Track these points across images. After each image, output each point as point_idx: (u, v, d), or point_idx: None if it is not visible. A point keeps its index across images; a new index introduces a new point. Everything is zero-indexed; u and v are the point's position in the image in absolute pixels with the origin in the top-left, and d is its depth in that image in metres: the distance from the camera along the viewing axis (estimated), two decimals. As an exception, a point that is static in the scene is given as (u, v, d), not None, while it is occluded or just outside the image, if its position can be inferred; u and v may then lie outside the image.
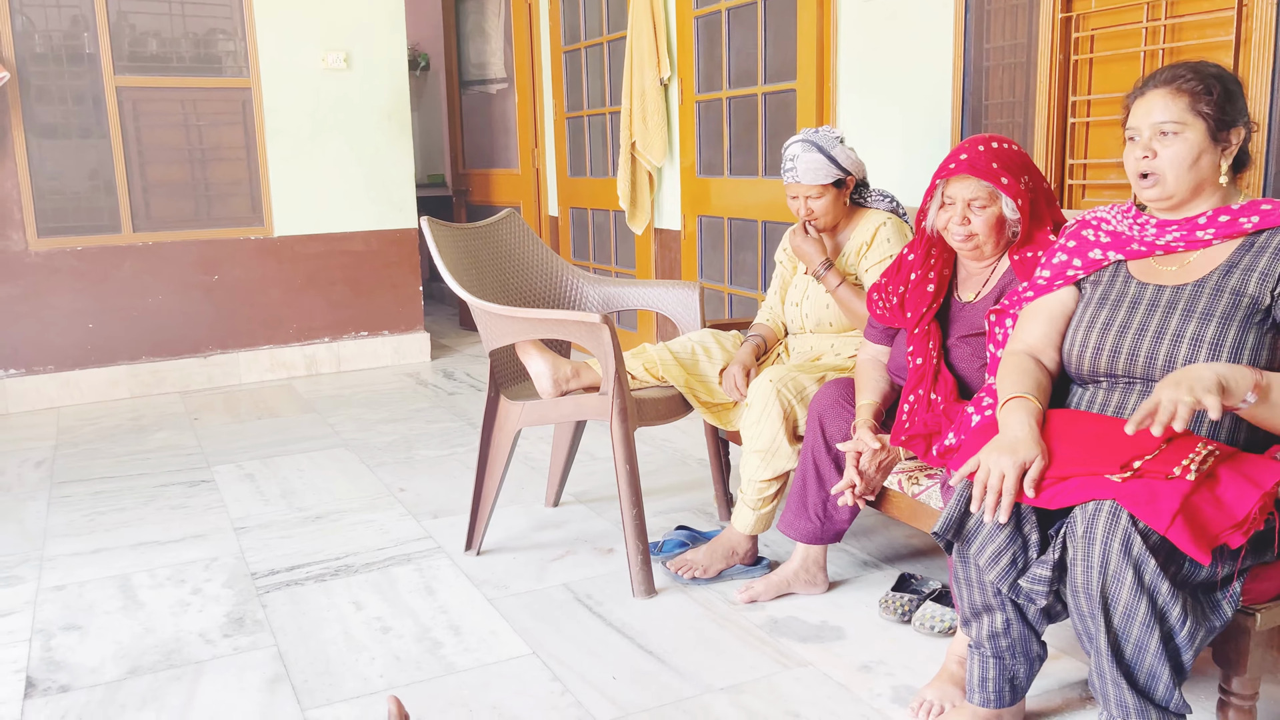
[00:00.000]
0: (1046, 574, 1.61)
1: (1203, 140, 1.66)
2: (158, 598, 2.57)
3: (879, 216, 2.62)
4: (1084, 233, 1.86)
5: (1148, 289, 1.74)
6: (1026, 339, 1.87)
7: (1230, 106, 1.67)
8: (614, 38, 4.90)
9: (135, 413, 4.48)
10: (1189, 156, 1.67)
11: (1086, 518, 1.52)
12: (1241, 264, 1.66)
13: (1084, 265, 1.84)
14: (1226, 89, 1.67)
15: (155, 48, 4.70)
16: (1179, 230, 1.71)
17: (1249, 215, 1.66)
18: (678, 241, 4.61)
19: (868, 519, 2.94)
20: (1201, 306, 1.66)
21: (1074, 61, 2.72)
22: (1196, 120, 1.66)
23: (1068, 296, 1.87)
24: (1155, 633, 1.47)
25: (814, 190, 2.57)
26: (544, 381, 2.61)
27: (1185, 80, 1.67)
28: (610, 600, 2.48)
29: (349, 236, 5.18)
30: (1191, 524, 1.44)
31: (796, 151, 2.56)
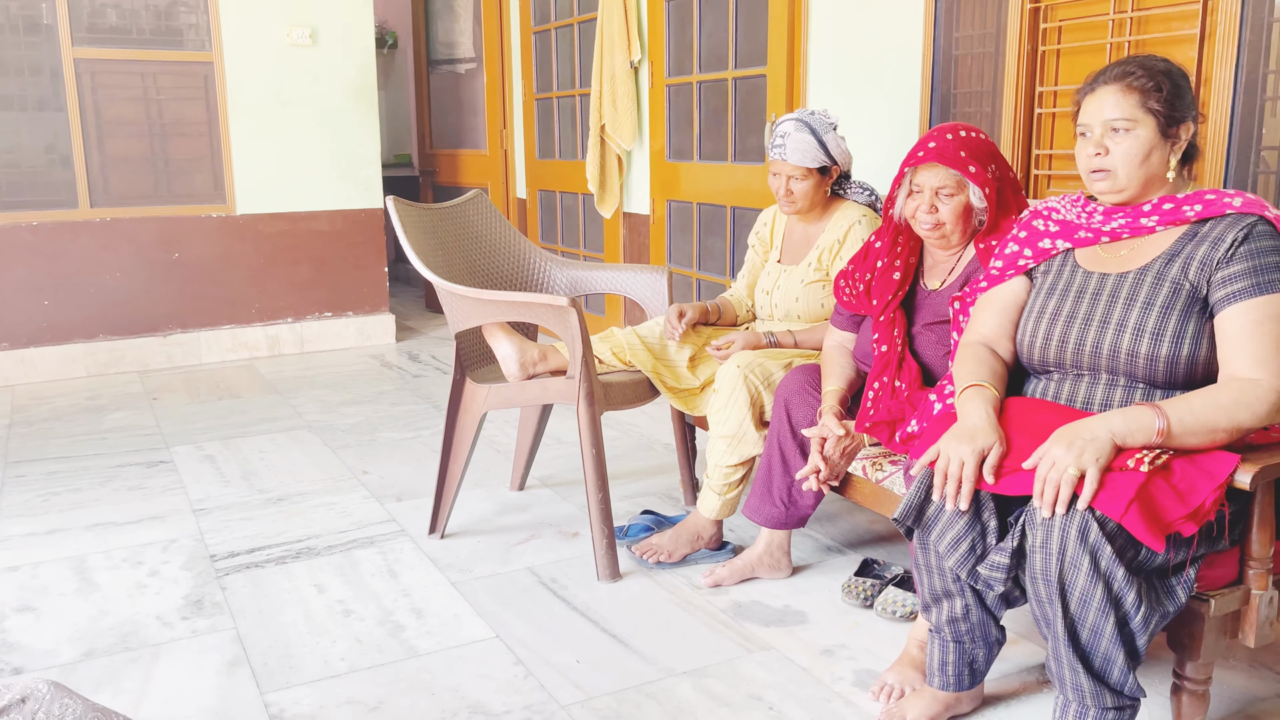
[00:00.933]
0: (1005, 561, 1.62)
1: (1153, 136, 1.68)
2: (114, 580, 2.53)
3: (855, 212, 2.61)
4: (1035, 223, 1.88)
5: (1093, 278, 1.76)
6: (981, 330, 1.89)
7: (1179, 102, 1.69)
8: (584, 19, 4.87)
9: (92, 392, 4.40)
10: (1140, 152, 1.69)
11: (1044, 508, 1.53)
12: (1183, 253, 1.67)
13: (1034, 255, 1.86)
14: (1175, 85, 1.69)
15: (115, 19, 4.60)
16: (1124, 217, 1.73)
17: (1192, 204, 1.69)
18: (646, 226, 4.60)
19: (831, 504, 2.96)
20: (1143, 295, 1.68)
21: (1041, 52, 2.73)
22: (1147, 117, 1.68)
23: (1019, 286, 1.88)
24: (1110, 618, 1.49)
25: (798, 171, 2.55)
26: (510, 365, 2.59)
27: (1135, 77, 1.68)
28: (574, 584, 2.47)
29: (314, 215, 5.10)
30: (1146, 512, 1.47)
31: (789, 129, 2.53)
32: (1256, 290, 1.59)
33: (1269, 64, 2.24)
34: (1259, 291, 1.59)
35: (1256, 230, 1.63)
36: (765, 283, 2.74)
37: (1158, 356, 1.65)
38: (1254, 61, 2.26)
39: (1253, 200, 1.66)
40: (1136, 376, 1.68)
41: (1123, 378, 1.70)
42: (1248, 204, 1.66)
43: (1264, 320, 1.58)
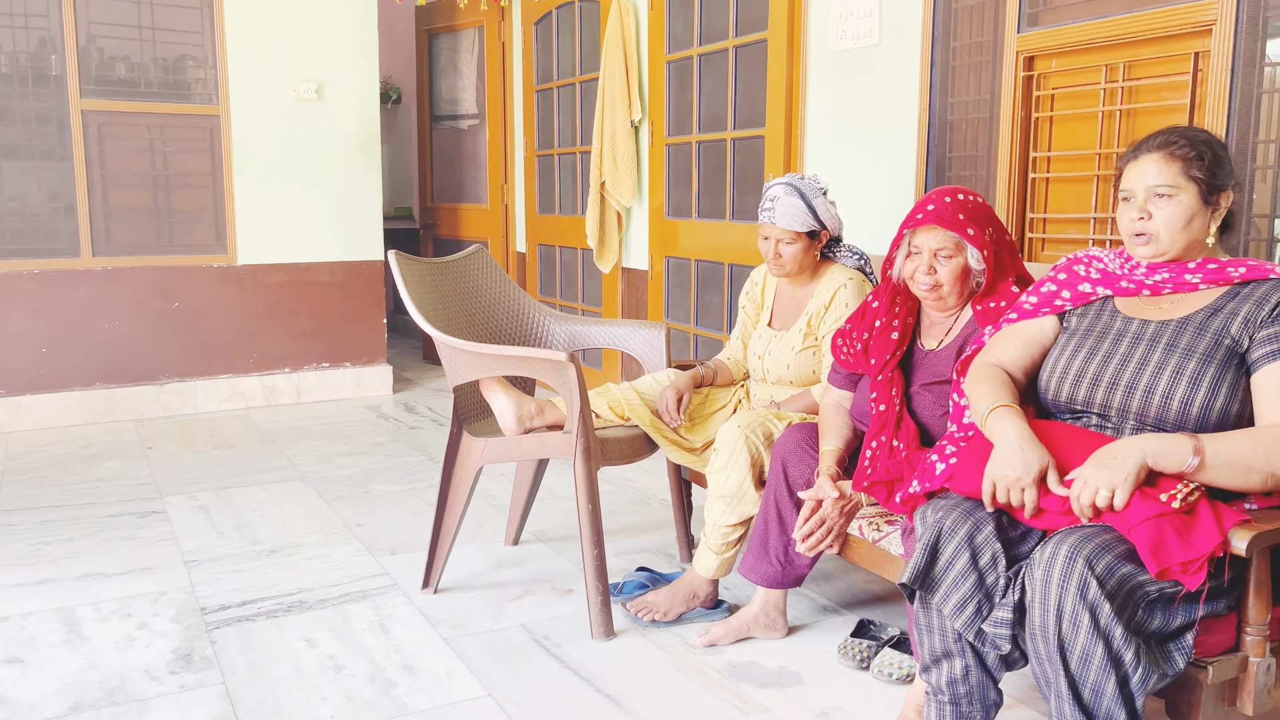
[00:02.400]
0: (1008, 616, 1.63)
1: (1195, 203, 1.73)
2: (103, 632, 2.50)
3: (842, 275, 2.62)
4: (1076, 267, 1.91)
5: (1133, 323, 1.79)
6: (1000, 356, 1.90)
7: (1220, 171, 1.74)
8: (586, 79, 4.95)
9: (86, 440, 4.38)
10: (1182, 218, 1.73)
11: (1044, 561, 1.54)
12: (1226, 308, 1.71)
13: (1072, 297, 1.89)
14: (1216, 154, 1.74)
15: (123, 72, 4.67)
16: (1168, 272, 1.77)
17: (1236, 267, 1.74)
18: (645, 281, 4.63)
19: (828, 564, 2.94)
20: (1185, 342, 1.71)
21: (1035, 119, 2.79)
22: (1189, 184, 1.73)
23: (1049, 326, 1.91)
24: (1112, 677, 1.49)
25: (787, 235, 2.57)
26: (508, 419, 2.60)
27: (1179, 146, 1.74)
28: (569, 642, 2.45)
29: (314, 267, 5.14)
30: (1154, 538, 1.49)
31: (778, 193, 2.56)
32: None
33: (1259, 134, 2.29)
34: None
35: None
36: (757, 346, 2.76)
37: (1192, 402, 1.66)
38: (1244, 130, 2.30)
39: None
40: (1166, 424, 1.69)
41: (1150, 426, 1.71)
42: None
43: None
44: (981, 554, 1.67)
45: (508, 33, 5.67)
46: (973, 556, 1.68)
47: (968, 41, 2.95)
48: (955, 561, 1.68)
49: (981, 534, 1.68)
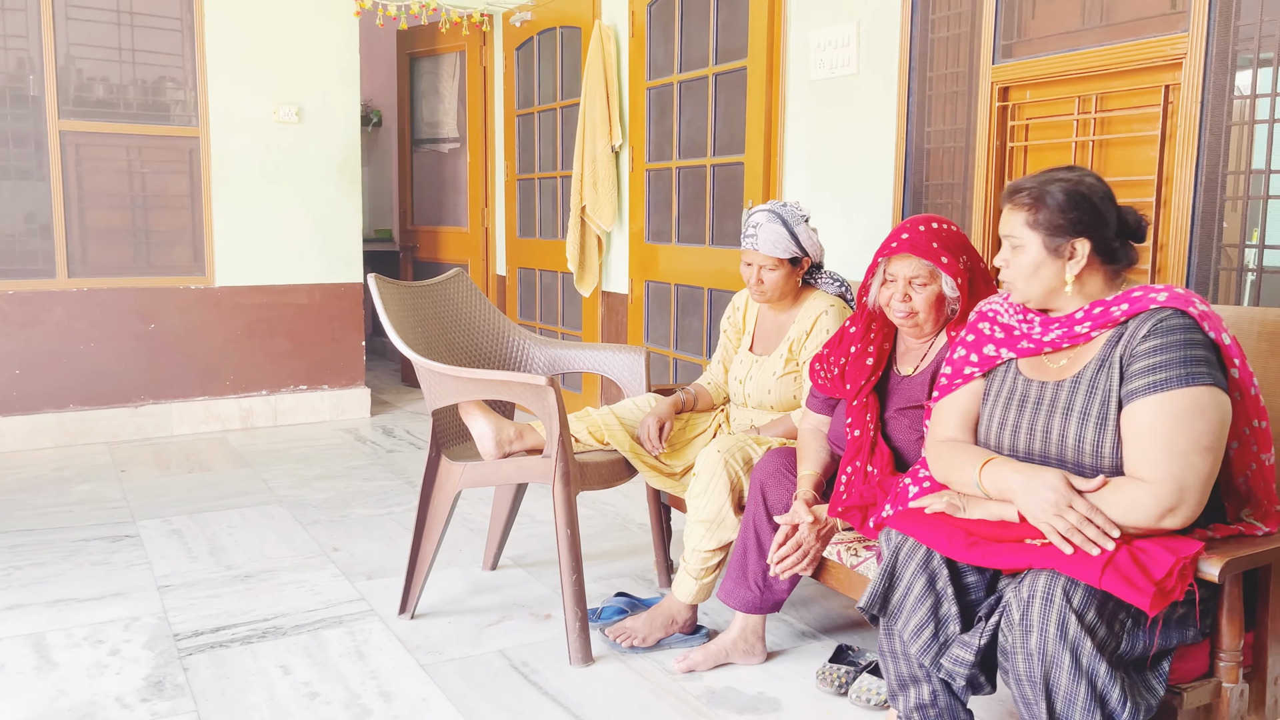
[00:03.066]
0: (969, 658, 1.63)
1: (1039, 254, 1.73)
2: (74, 658, 2.46)
3: (823, 301, 2.64)
4: (980, 325, 1.90)
5: (1033, 386, 1.78)
6: (949, 433, 1.90)
7: (1064, 220, 1.70)
8: (567, 104, 4.98)
9: (59, 463, 4.33)
10: (1028, 268, 1.74)
11: (1021, 604, 1.54)
12: (1111, 356, 1.68)
13: (980, 362, 1.88)
14: (1062, 204, 1.70)
15: (102, 93, 4.66)
16: (1060, 327, 1.75)
17: (1120, 304, 1.70)
18: (625, 305, 4.64)
19: (806, 589, 2.95)
20: (1079, 405, 1.69)
21: (1010, 148, 2.83)
22: (1032, 234, 1.73)
23: (975, 388, 1.90)
24: (1097, 717, 1.49)
25: (770, 261, 2.59)
26: (487, 443, 2.59)
27: (1021, 194, 1.75)
28: (546, 668, 2.44)
29: (293, 289, 5.12)
30: (1121, 576, 1.49)
31: (761, 220, 2.58)
32: (1151, 389, 1.59)
33: (1228, 165, 2.33)
34: (1153, 390, 1.59)
35: (1166, 324, 1.62)
36: (738, 370, 2.77)
37: (1100, 467, 1.66)
38: (1213, 162, 2.35)
39: (1179, 295, 1.65)
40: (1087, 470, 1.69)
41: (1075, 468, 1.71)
42: (1172, 299, 1.65)
43: (1157, 421, 1.58)
44: (936, 579, 1.68)
45: (489, 57, 5.70)
46: (929, 581, 1.69)
47: (944, 72, 3.00)
48: (913, 586, 1.70)
49: (936, 559, 1.69)
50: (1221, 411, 1.58)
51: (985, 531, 1.66)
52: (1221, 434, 1.58)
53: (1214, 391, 1.58)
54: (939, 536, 1.68)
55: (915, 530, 1.72)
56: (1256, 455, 1.67)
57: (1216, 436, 1.57)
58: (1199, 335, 1.61)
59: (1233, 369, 1.63)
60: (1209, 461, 1.56)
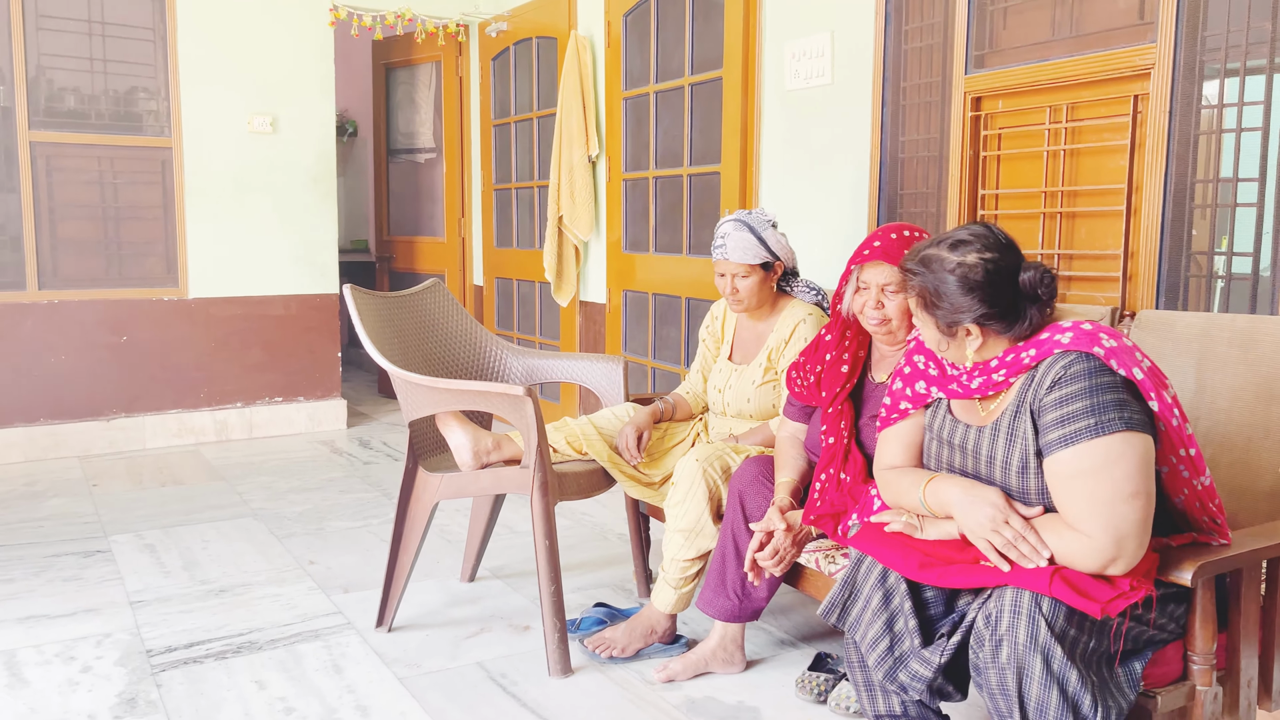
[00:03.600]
0: (927, 674, 1.64)
1: (937, 335, 1.73)
2: (44, 676, 2.42)
3: (800, 310, 2.65)
4: (915, 359, 1.89)
5: (959, 428, 1.79)
6: (894, 460, 1.90)
7: (955, 309, 1.67)
8: (543, 114, 4.99)
9: (29, 478, 4.27)
10: (933, 343, 1.76)
11: (990, 620, 1.55)
12: (1025, 401, 1.66)
13: (913, 398, 1.88)
14: (953, 294, 1.66)
15: (73, 103, 4.61)
16: (980, 375, 1.73)
17: (1028, 349, 1.66)
18: (602, 314, 4.64)
19: (785, 597, 2.95)
20: (1000, 454, 1.69)
21: (983, 157, 2.86)
22: (927, 317, 1.73)
23: (917, 418, 1.90)
24: None
25: (741, 269, 2.59)
26: (464, 454, 2.58)
27: (913, 281, 1.73)
28: (525, 680, 2.42)
29: (268, 300, 5.08)
30: (1069, 585, 1.50)
31: (728, 230, 2.59)
32: (1062, 443, 1.57)
33: (1196, 173, 2.37)
34: (1064, 444, 1.57)
35: (1071, 371, 1.59)
36: (717, 380, 2.77)
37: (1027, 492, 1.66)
38: (1182, 171, 2.38)
39: (1084, 334, 1.60)
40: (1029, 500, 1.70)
41: None
42: (1077, 339, 1.60)
43: (1076, 477, 1.56)
44: (893, 596, 1.69)
45: (465, 68, 5.69)
46: (885, 597, 1.69)
47: (917, 82, 3.02)
48: (870, 600, 1.71)
49: (892, 576, 1.70)
50: (1139, 453, 1.55)
51: (941, 552, 1.67)
52: (1146, 474, 1.55)
53: (1127, 437, 1.54)
54: (895, 556, 1.69)
55: (873, 549, 1.73)
56: (1189, 480, 1.65)
57: (1139, 479, 1.54)
58: (1106, 377, 1.57)
59: (1150, 402, 1.58)
60: (1139, 505, 1.53)
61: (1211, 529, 1.68)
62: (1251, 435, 2.02)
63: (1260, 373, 2.02)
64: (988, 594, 1.61)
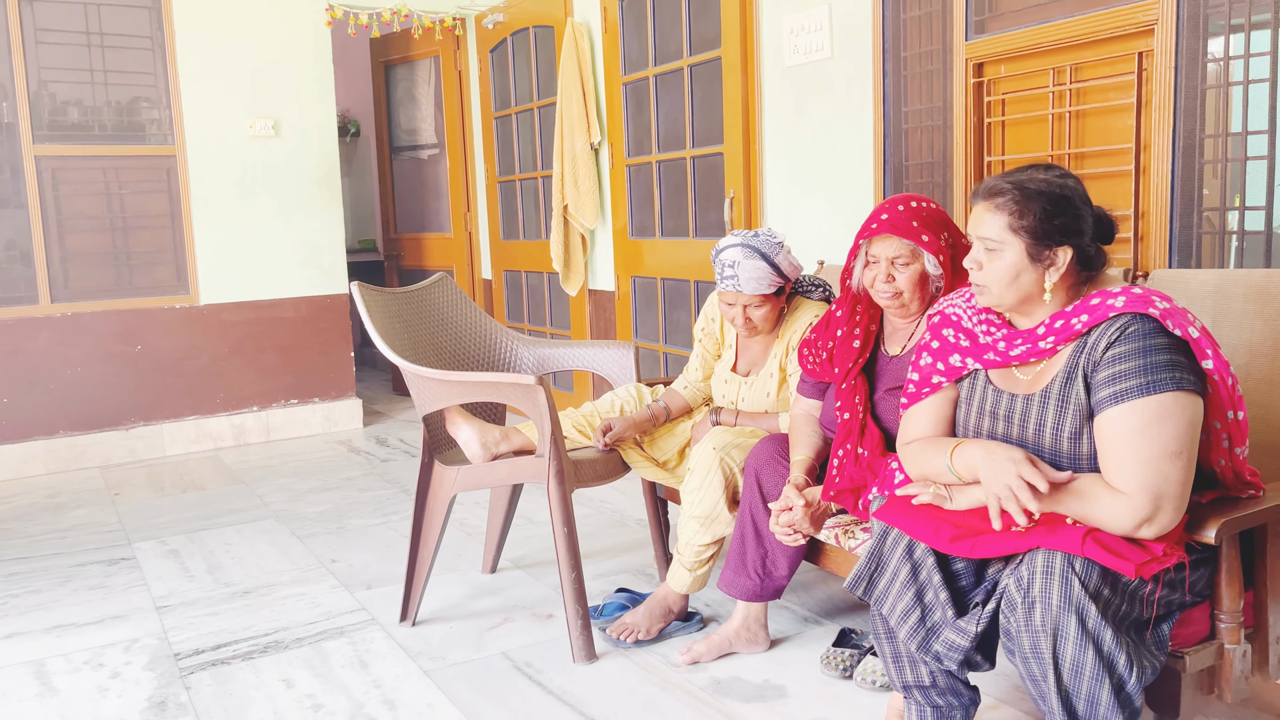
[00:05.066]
0: (964, 644, 1.62)
1: (1020, 260, 1.64)
2: (74, 684, 2.44)
3: (809, 313, 2.53)
4: (945, 331, 1.85)
5: (1003, 398, 1.74)
6: (921, 432, 1.86)
7: (1049, 226, 1.63)
8: (544, 104, 4.97)
9: (52, 490, 4.30)
10: (1008, 274, 1.67)
11: (1022, 585, 1.53)
12: (1077, 368, 1.64)
13: (946, 371, 1.83)
14: (1047, 208, 1.63)
15: (76, 116, 4.63)
16: (1025, 343, 1.70)
17: (1078, 315, 1.64)
18: (612, 302, 4.63)
19: (806, 574, 2.94)
20: (1051, 420, 1.66)
21: (987, 124, 2.83)
22: (1014, 239, 1.64)
23: (947, 393, 1.86)
24: (1106, 684, 1.48)
25: (754, 300, 2.44)
26: (473, 447, 2.58)
27: (1005, 197, 1.65)
28: (550, 668, 2.43)
29: (278, 303, 5.10)
30: (1102, 546, 1.49)
31: (736, 258, 2.39)
32: (1114, 400, 1.56)
33: (1205, 129, 2.34)
34: (1115, 401, 1.56)
35: (1128, 332, 1.57)
36: (726, 391, 2.66)
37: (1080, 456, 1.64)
38: (1190, 127, 2.35)
39: (1137, 297, 1.59)
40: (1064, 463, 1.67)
41: None
42: (1130, 302, 1.59)
43: (1122, 432, 1.55)
44: (921, 568, 1.68)
45: (463, 61, 5.68)
46: (913, 570, 1.68)
47: (918, 51, 2.99)
48: (899, 573, 1.69)
49: (920, 548, 1.69)
50: (1188, 414, 1.54)
51: (971, 523, 1.65)
52: (1191, 436, 1.54)
53: (1178, 396, 1.54)
54: (925, 529, 1.66)
55: (902, 522, 1.71)
56: (1228, 451, 1.64)
57: (1186, 440, 1.53)
58: (1162, 338, 1.56)
59: (1205, 361, 1.58)
60: (1180, 466, 1.52)
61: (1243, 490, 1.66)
62: (1271, 391, 1.99)
63: (1277, 327, 2.00)
64: (1019, 559, 1.59)
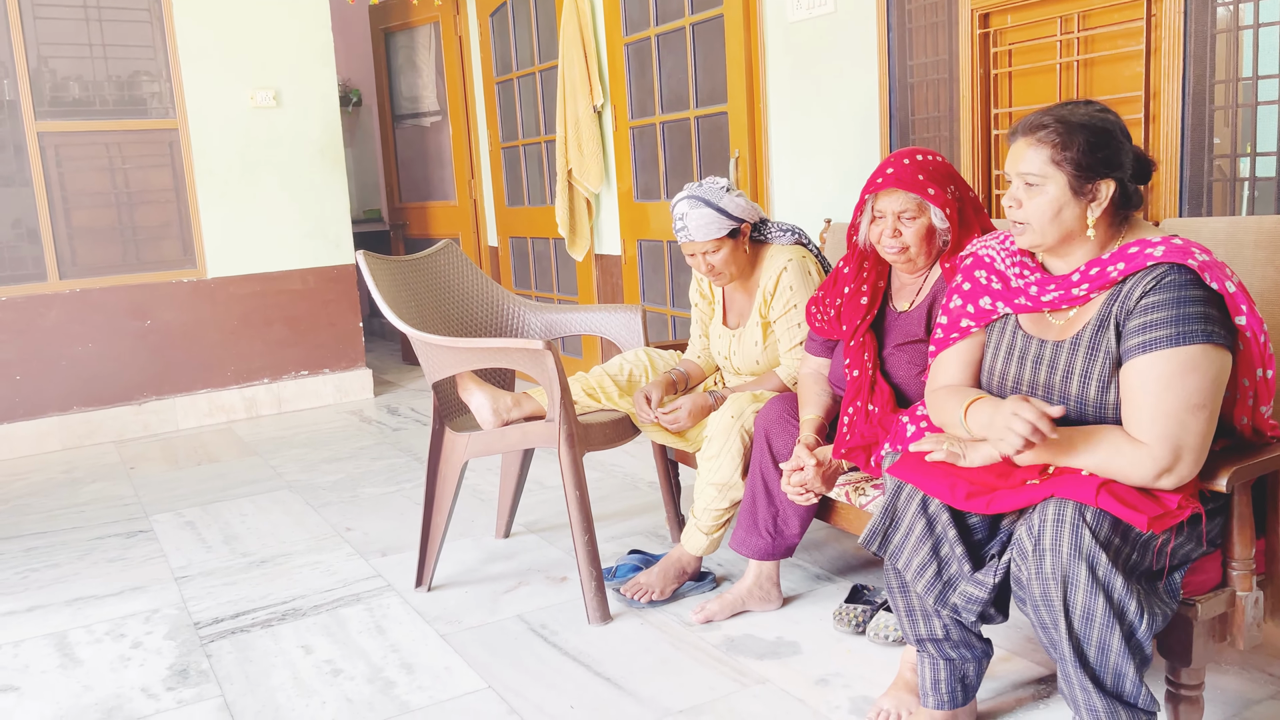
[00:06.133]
0: (982, 595, 1.63)
1: (1062, 194, 1.61)
2: (97, 654, 2.48)
3: (782, 256, 2.55)
4: (976, 273, 1.84)
5: (1033, 343, 1.73)
6: (949, 379, 1.85)
7: (1092, 158, 1.60)
8: (545, 67, 4.93)
9: (68, 465, 4.34)
10: (1050, 209, 1.63)
11: (1033, 534, 1.53)
12: (1110, 315, 1.63)
13: (976, 315, 1.82)
14: (1091, 140, 1.60)
15: (77, 92, 4.61)
16: (1058, 289, 1.69)
17: (1115, 263, 1.62)
18: (619, 266, 4.62)
19: (818, 532, 2.95)
20: (1080, 367, 1.65)
21: (994, 75, 2.79)
22: (1057, 173, 1.61)
23: (973, 339, 1.85)
24: (1116, 631, 1.49)
25: (709, 245, 2.50)
26: (484, 413, 2.59)
27: (1047, 130, 1.62)
28: (565, 629, 2.45)
29: (285, 275, 5.10)
30: (1116, 497, 1.49)
31: (684, 209, 2.48)
32: (1141, 349, 1.55)
33: (1215, 75, 2.30)
34: (1143, 350, 1.55)
35: (1164, 281, 1.56)
36: (719, 346, 2.70)
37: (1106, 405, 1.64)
38: (1200, 73, 2.31)
39: (1177, 248, 1.57)
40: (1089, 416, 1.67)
41: None
42: (1170, 252, 1.57)
43: (1147, 382, 1.54)
44: (935, 522, 1.68)
45: (464, 26, 5.63)
46: (929, 524, 1.68)
47: (922, 3, 2.95)
48: (914, 528, 1.69)
49: (935, 503, 1.69)
50: (1215, 368, 1.53)
51: (984, 479, 1.65)
52: (1216, 390, 1.53)
53: (1206, 349, 1.52)
54: (940, 486, 1.66)
55: (916, 478, 1.71)
56: (1252, 409, 1.63)
57: (1210, 394, 1.52)
58: (1197, 290, 1.54)
59: (1239, 316, 1.56)
60: (1202, 419, 1.51)
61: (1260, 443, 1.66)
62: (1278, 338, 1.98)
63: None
64: (1031, 509, 1.60)
